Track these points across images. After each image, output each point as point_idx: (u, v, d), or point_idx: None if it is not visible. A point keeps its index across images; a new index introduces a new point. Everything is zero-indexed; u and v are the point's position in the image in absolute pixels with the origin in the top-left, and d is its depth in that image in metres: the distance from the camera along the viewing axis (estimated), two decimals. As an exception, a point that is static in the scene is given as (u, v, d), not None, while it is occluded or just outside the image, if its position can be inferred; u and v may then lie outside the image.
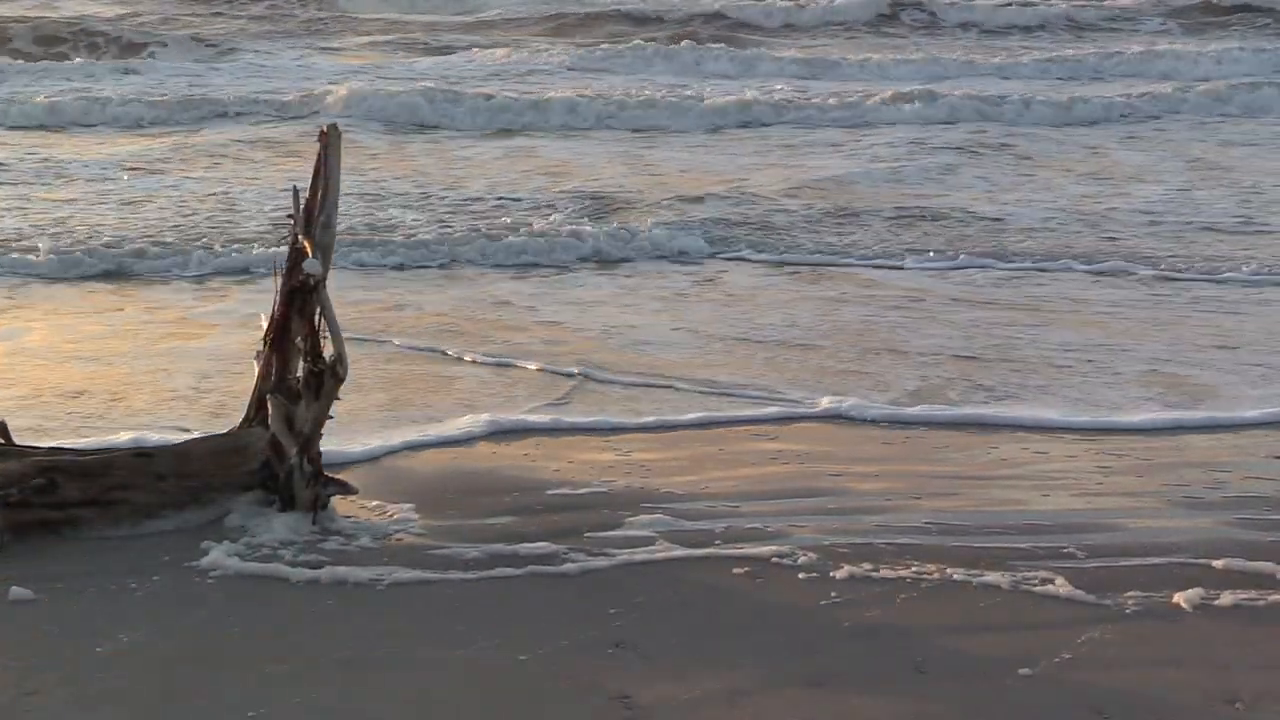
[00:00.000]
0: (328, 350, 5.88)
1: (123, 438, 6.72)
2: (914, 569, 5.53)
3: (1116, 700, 4.58)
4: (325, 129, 5.94)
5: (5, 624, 5.05)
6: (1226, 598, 5.32)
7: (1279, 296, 10.09)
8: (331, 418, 5.98)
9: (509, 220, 11.84)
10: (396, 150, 15.37)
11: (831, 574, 5.49)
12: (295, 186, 6.04)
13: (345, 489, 6.01)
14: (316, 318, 5.91)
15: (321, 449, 6.00)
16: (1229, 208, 12.84)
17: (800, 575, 5.49)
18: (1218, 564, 5.61)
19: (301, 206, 5.93)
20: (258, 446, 5.96)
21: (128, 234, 11.22)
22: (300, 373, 5.97)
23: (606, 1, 26.93)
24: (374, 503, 6.14)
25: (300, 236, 5.92)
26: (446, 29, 25.36)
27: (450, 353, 8.49)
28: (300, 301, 5.93)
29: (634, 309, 9.66)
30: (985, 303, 9.85)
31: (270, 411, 5.95)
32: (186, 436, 6.49)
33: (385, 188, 13.25)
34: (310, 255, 5.85)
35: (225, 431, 6.22)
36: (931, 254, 11.08)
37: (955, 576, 5.47)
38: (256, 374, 6.13)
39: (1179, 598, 5.30)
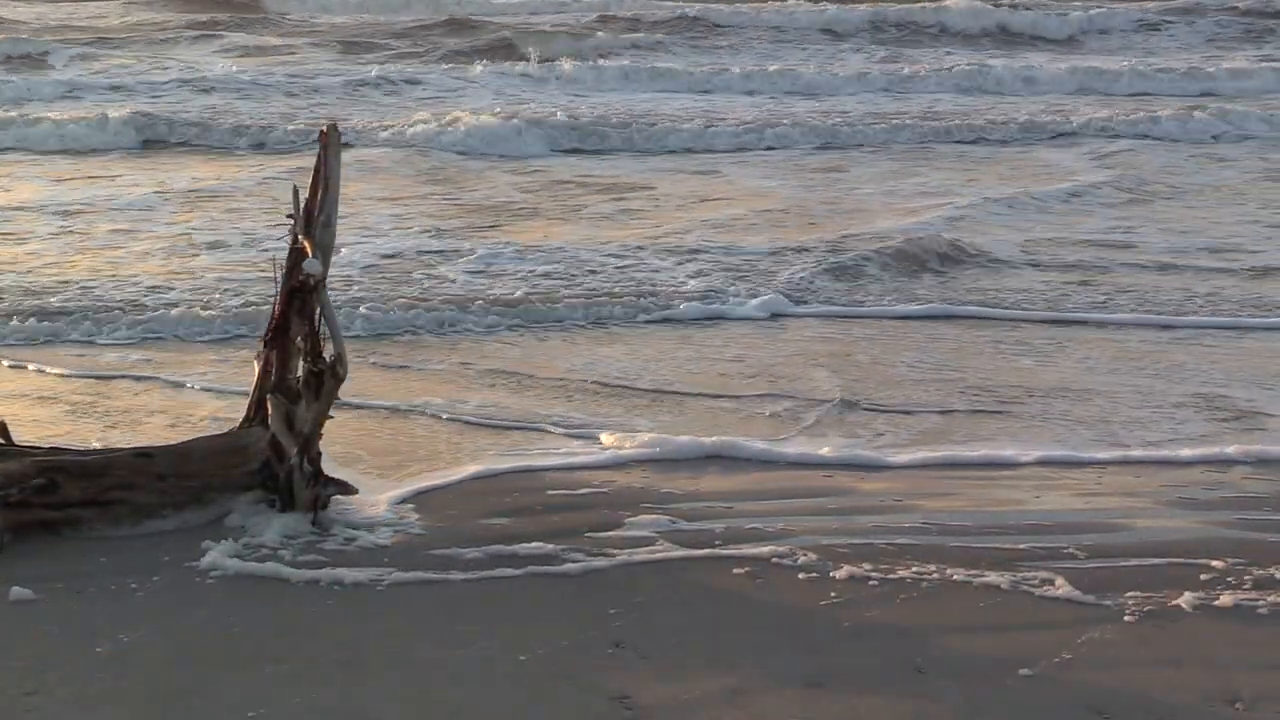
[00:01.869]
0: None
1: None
2: (914, 569, 5.53)
3: (1116, 700, 4.58)
4: (325, 128, 5.94)
5: (5, 624, 5.04)
6: (1226, 598, 5.32)
7: None
8: (331, 417, 5.98)
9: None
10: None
11: (831, 574, 5.49)
12: (295, 186, 6.03)
13: (345, 489, 6.01)
14: (316, 317, 5.92)
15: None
16: None
17: (800, 575, 5.49)
18: (1218, 564, 5.61)
19: (302, 206, 5.93)
20: (258, 446, 5.96)
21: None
22: (300, 372, 5.97)
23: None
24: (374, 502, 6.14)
25: (300, 236, 5.91)
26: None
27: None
28: (300, 301, 5.93)
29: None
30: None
31: (270, 411, 5.95)
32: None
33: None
34: (310, 255, 5.85)
35: (225, 431, 6.22)
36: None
37: (955, 576, 5.47)
38: (256, 374, 6.13)
39: (1179, 598, 5.30)
